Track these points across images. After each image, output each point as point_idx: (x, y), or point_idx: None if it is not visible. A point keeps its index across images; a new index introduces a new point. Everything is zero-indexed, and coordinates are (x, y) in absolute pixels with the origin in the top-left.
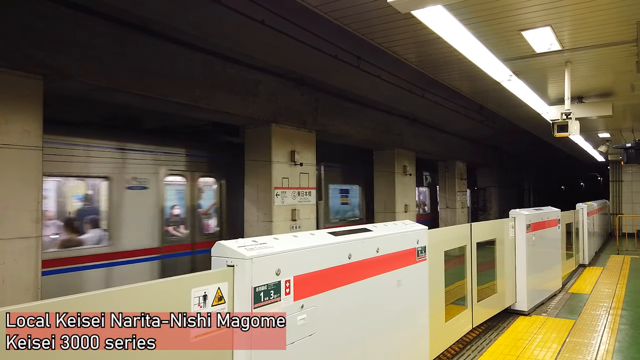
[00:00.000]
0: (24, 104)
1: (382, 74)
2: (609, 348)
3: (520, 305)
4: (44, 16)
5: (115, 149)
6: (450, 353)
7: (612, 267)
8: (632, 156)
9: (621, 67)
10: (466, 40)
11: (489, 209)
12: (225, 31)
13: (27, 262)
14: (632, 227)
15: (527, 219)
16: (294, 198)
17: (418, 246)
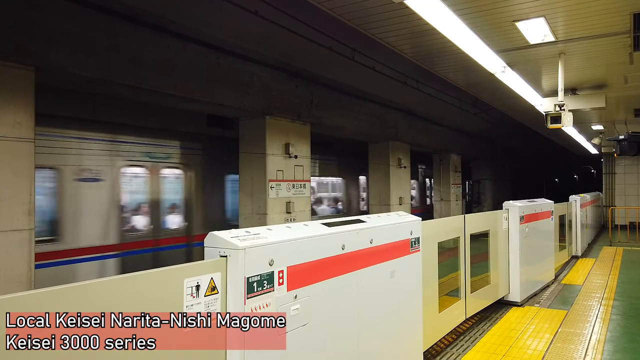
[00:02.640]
0: (15, 95)
1: (376, 66)
2: (601, 338)
3: (513, 296)
4: (36, 7)
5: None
6: (443, 343)
7: (604, 259)
8: (625, 148)
9: (614, 58)
10: (460, 31)
11: (484, 201)
12: (219, 22)
13: (20, 255)
14: (624, 219)
15: (520, 210)
16: (289, 190)
17: (412, 237)
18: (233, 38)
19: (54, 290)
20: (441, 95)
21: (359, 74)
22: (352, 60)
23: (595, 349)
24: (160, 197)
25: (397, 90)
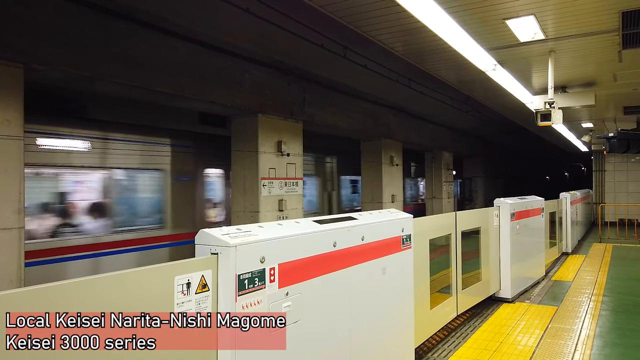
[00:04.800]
0: (3, 93)
1: (368, 64)
2: (590, 333)
3: (504, 292)
4: (26, 3)
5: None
6: (435, 340)
7: (594, 255)
8: (615, 146)
9: (604, 56)
10: (451, 29)
11: (475, 198)
12: (211, 20)
13: (9, 254)
14: (614, 216)
15: (511, 207)
16: (281, 188)
17: (403, 234)
18: (225, 36)
19: (42, 288)
20: (433, 93)
21: (351, 72)
22: (344, 58)
23: (584, 344)
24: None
25: (389, 88)
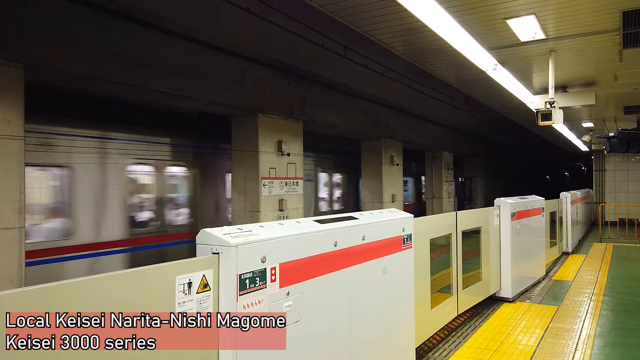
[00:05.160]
0: (4, 93)
1: (369, 64)
2: (591, 333)
3: (504, 292)
4: (25, 3)
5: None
6: (436, 339)
7: (594, 255)
8: (615, 146)
9: (604, 56)
10: (451, 29)
11: (476, 198)
12: (211, 19)
13: (10, 253)
14: (614, 216)
15: (511, 207)
16: (282, 188)
17: (404, 234)
18: (225, 35)
19: (42, 288)
20: (433, 92)
21: (351, 72)
22: (344, 58)
23: (585, 344)
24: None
25: (390, 88)
